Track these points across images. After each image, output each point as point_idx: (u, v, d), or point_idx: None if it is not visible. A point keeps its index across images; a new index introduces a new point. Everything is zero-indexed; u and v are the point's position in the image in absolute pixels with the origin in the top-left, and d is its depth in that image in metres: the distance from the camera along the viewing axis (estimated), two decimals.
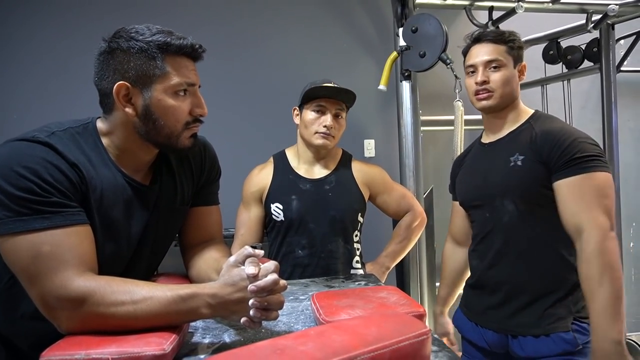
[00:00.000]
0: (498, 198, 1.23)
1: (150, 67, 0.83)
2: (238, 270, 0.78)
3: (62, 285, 0.73)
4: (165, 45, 0.84)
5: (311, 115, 1.49)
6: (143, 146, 0.91)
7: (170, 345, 0.71)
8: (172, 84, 0.85)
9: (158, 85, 0.85)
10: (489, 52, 1.25)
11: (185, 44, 0.86)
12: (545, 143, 1.15)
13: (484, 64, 1.25)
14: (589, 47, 2.48)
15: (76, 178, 0.80)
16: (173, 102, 0.86)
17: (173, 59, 0.85)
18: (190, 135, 0.92)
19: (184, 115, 0.88)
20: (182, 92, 0.87)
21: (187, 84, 0.87)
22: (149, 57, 0.83)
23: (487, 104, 1.26)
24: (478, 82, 1.25)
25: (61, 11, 2.31)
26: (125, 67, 0.83)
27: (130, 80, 0.84)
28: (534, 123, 1.23)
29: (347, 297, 0.95)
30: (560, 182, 1.12)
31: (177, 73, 0.85)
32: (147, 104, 0.85)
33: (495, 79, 1.24)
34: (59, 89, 2.30)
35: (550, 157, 1.14)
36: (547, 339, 1.16)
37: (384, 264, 1.64)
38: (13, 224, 0.73)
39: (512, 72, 1.26)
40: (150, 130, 0.87)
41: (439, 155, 2.71)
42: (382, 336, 0.59)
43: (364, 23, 2.66)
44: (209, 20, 2.46)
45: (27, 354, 0.87)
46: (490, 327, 1.27)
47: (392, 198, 1.64)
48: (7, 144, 0.79)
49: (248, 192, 1.55)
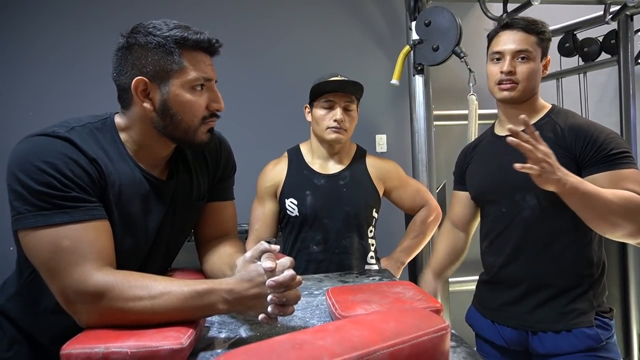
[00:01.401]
0: (519, 193, 1.20)
1: (167, 62, 0.84)
2: (254, 266, 0.79)
3: (81, 279, 0.74)
4: (183, 40, 0.84)
5: (321, 111, 1.49)
6: (160, 141, 0.91)
7: (188, 339, 0.72)
8: (190, 78, 0.85)
9: (175, 80, 0.85)
10: (520, 42, 1.19)
11: (202, 39, 0.86)
12: (577, 139, 1.13)
13: (512, 53, 1.19)
14: (606, 39, 2.43)
15: (95, 173, 0.81)
16: (190, 97, 0.86)
17: (190, 54, 0.85)
18: (207, 130, 0.92)
19: (201, 110, 0.88)
20: (199, 87, 0.87)
21: (204, 79, 0.87)
22: (166, 52, 0.83)
23: (509, 95, 1.21)
24: (504, 71, 1.19)
25: (73, 7, 2.33)
26: (143, 62, 0.83)
27: (148, 75, 0.84)
28: (556, 118, 1.21)
29: (363, 292, 0.94)
30: (597, 176, 1.10)
31: (194, 68, 0.86)
32: (165, 99, 0.85)
33: (522, 70, 1.19)
34: (71, 85, 2.32)
35: (584, 153, 1.12)
36: (568, 335, 1.14)
37: (399, 259, 1.63)
38: (34, 218, 0.74)
39: (538, 65, 1.21)
40: (167, 125, 0.87)
41: (452, 150, 2.68)
42: (401, 331, 0.58)
43: (375, 17, 2.64)
44: (222, 17, 2.46)
45: (48, 348, 0.88)
46: (508, 323, 1.25)
47: (407, 193, 1.63)
48: (27, 139, 0.79)
49: (262, 187, 1.56)
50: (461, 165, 1.43)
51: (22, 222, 0.75)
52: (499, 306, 1.27)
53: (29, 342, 0.89)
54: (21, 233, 0.76)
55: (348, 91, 1.48)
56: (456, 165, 1.47)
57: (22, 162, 0.76)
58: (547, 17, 2.57)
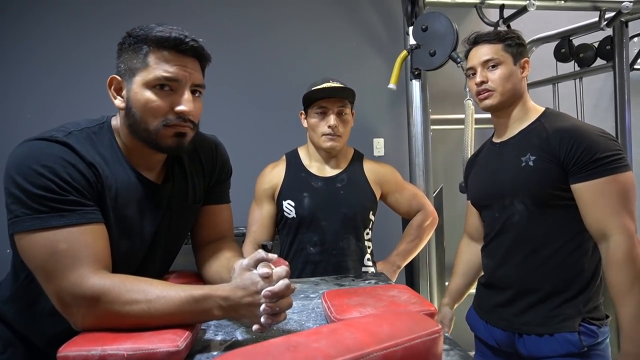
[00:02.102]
0: (508, 198, 1.22)
1: (134, 59, 0.84)
2: (249, 275, 0.79)
3: (77, 282, 0.74)
4: (146, 38, 0.83)
5: (315, 119, 1.50)
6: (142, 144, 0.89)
7: (184, 342, 0.72)
8: (150, 77, 0.83)
9: (138, 78, 0.84)
10: (486, 52, 1.25)
11: (166, 36, 0.83)
12: (561, 143, 1.13)
13: (481, 64, 1.25)
14: (601, 45, 2.45)
15: (92, 177, 0.81)
16: (149, 96, 0.83)
17: (158, 53, 0.83)
18: (174, 135, 0.87)
19: (161, 111, 0.84)
20: (161, 87, 0.84)
21: (166, 78, 0.83)
22: (135, 49, 0.84)
23: (489, 103, 1.25)
24: (477, 82, 1.25)
25: (78, 13, 2.34)
26: (118, 61, 0.86)
27: (120, 73, 0.86)
28: (545, 121, 1.22)
29: (358, 295, 0.95)
30: (581, 185, 1.10)
31: (157, 67, 0.83)
32: (128, 97, 0.85)
33: (494, 77, 1.23)
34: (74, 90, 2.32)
35: (568, 158, 1.11)
36: (550, 339, 1.15)
37: (395, 263, 1.64)
38: (31, 221, 0.75)
39: (511, 68, 1.24)
40: (132, 124, 0.86)
41: (449, 154, 2.70)
42: (395, 334, 0.59)
43: (373, 21, 2.66)
44: (219, 21, 2.46)
45: (44, 351, 0.88)
46: (498, 325, 1.26)
47: (403, 197, 1.64)
48: (25, 143, 0.80)
49: (260, 190, 1.56)
50: (467, 173, 1.46)
51: (19, 225, 0.75)
52: (491, 308, 1.29)
53: (25, 344, 0.90)
54: (17, 236, 0.77)
55: (340, 96, 1.49)
56: (463, 175, 1.50)
57: (19, 165, 0.76)
58: (543, 22, 2.63)
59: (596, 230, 1.10)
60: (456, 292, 1.50)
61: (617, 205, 1.07)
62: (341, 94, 1.49)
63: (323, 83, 1.53)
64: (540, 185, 1.16)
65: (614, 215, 1.07)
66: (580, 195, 1.11)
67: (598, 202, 1.08)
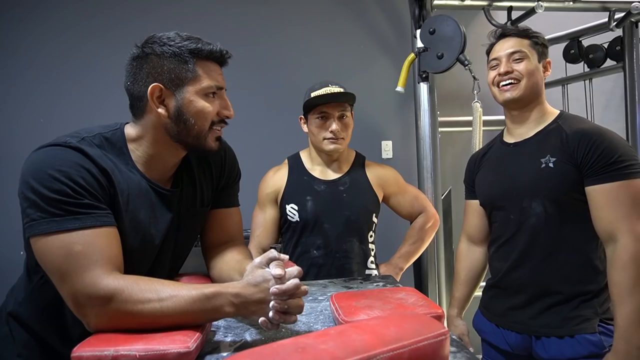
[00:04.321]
0: (526, 200, 1.21)
1: (182, 70, 0.88)
2: (261, 272, 0.81)
3: (91, 283, 0.76)
4: (197, 51, 0.89)
5: (316, 124, 1.51)
6: (172, 148, 0.94)
7: (195, 343, 0.74)
8: (203, 86, 0.90)
9: (190, 87, 0.89)
10: (513, 45, 1.25)
11: (215, 50, 0.91)
12: (580, 145, 1.13)
13: (507, 55, 1.25)
14: (611, 46, 2.43)
15: (105, 182, 0.84)
16: (203, 103, 0.91)
17: (203, 64, 0.91)
18: (216, 138, 0.96)
19: (212, 116, 0.93)
20: (211, 95, 0.92)
21: (216, 87, 0.93)
22: (181, 60, 0.88)
23: (512, 96, 1.23)
24: (501, 72, 1.24)
25: (85, 16, 2.38)
26: (159, 70, 0.88)
27: (164, 82, 0.88)
28: (562, 123, 1.21)
29: (366, 297, 0.96)
30: (595, 188, 1.10)
31: (207, 76, 0.91)
32: (180, 105, 0.89)
33: (520, 68, 1.23)
34: (83, 93, 2.36)
35: (585, 159, 1.11)
36: (571, 340, 1.14)
37: (397, 265, 1.64)
38: (47, 224, 0.77)
39: (536, 64, 1.24)
40: (181, 130, 0.91)
41: (457, 157, 2.70)
42: (401, 336, 0.60)
43: (381, 24, 2.67)
44: (226, 23, 2.49)
45: (59, 350, 0.90)
46: (513, 328, 1.25)
47: (405, 199, 1.65)
48: (41, 149, 0.82)
49: (263, 194, 1.58)
50: (471, 172, 1.44)
51: (36, 228, 0.77)
52: (504, 311, 1.28)
53: (40, 345, 0.91)
54: (34, 239, 0.79)
55: (340, 101, 1.50)
56: (466, 173, 1.48)
57: (35, 170, 0.79)
58: (552, 24, 2.62)
59: (605, 232, 1.10)
60: (463, 301, 1.49)
61: (629, 210, 1.07)
62: (342, 99, 1.49)
63: (322, 87, 1.53)
64: (561, 187, 1.15)
65: (624, 218, 1.07)
66: (593, 198, 1.11)
67: (610, 205, 1.08)
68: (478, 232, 1.44)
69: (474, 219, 1.44)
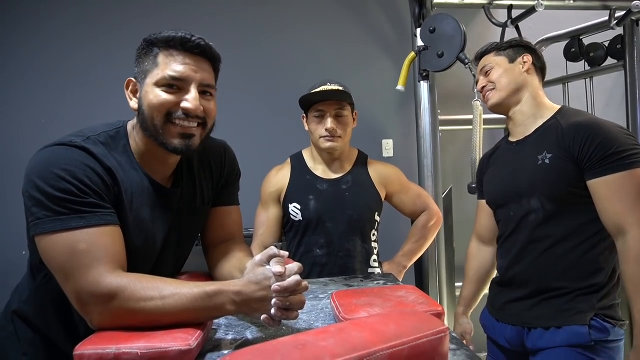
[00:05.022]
0: (525, 197, 1.21)
1: (146, 61, 0.89)
2: (262, 270, 0.81)
3: (95, 281, 0.76)
4: (156, 39, 0.88)
5: (313, 122, 1.52)
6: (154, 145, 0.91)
7: (196, 341, 0.74)
8: (159, 77, 0.87)
9: (149, 79, 0.88)
10: (482, 63, 1.37)
11: (172, 36, 0.86)
12: (575, 139, 1.12)
13: (480, 73, 1.37)
14: (612, 44, 2.43)
15: (110, 181, 0.84)
16: (156, 94, 0.87)
17: (167, 52, 0.87)
18: (181, 136, 0.89)
19: (165, 106, 0.87)
20: (170, 86, 0.87)
21: (173, 78, 0.86)
22: (147, 53, 0.89)
23: (492, 102, 1.31)
24: (478, 89, 1.37)
25: (88, 15, 2.38)
26: (136, 63, 0.90)
27: (135, 75, 0.90)
28: (561, 118, 1.21)
29: (366, 295, 0.96)
30: (597, 181, 1.09)
31: (166, 66, 0.87)
32: (141, 96, 0.90)
33: (491, 78, 1.31)
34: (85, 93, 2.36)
35: (582, 154, 1.10)
36: (558, 330, 1.14)
37: (400, 263, 1.65)
38: (52, 223, 0.77)
39: (506, 67, 1.30)
40: (142, 122, 0.90)
41: (457, 155, 2.70)
42: (401, 333, 0.60)
43: (381, 23, 2.67)
44: (226, 24, 2.49)
45: (62, 348, 0.91)
46: (509, 321, 1.26)
47: (408, 197, 1.65)
48: (46, 149, 0.83)
49: (266, 193, 1.58)
50: (481, 172, 1.46)
51: (41, 226, 0.78)
52: (502, 304, 1.29)
53: (45, 343, 0.92)
54: (38, 237, 0.79)
55: (335, 99, 1.49)
56: (477, 175, 1.50)
57: (41, 170, 0.79)
58: (553, 22, 2.61)
59: (613, 226, 1.09)
60: (470, 300, 1.50)
61: (635, 201, 1.06)
62: (336, 96, 1.49)
63: (321, 86, 1.53)
64: (557, 183, 1.15)
65: (632, 210, 1.06)
66: (597, 191, 1.10)
67: (615, 197, 1.07)
68: (487, 232, 1.44)
69: (483, 219, 1.45)
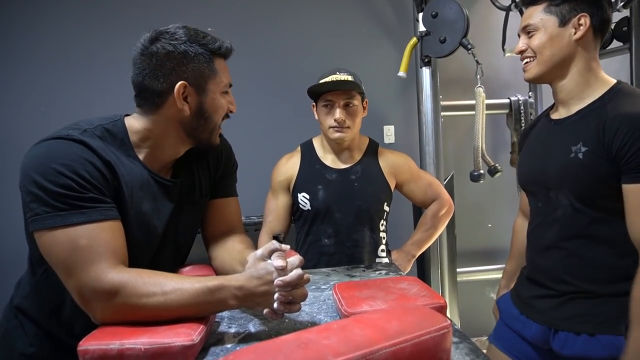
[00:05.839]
0: (553, 190, 1.09)
1: (205, 68, 0.90)
2: (264, 264, 0.81)
3: (97, 277, 0.76)
4: (217, 49, 0.92)
5: (322, 112, 1.50)
6: (180, 142, 0.96)
7: (199, 335, 0.75)
8: (223, 84, 0.95)
9: (212, 86, 0.93)
10: (525, 17, 1.11)
11: (229, 48, 0.95)
12: (617, 134, 0.95)
13: (521, 30, 1.13)
14: (618, 27, 2.38)
15: (109, 175, 0.84)
16: (221, 100, 0.95)
17: (219, 61, 0.94)
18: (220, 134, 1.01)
19: (224, 111, 0.98)
20: (225, 92, 0.96)
21: (229, 84, 0.97)
22: (204, 59, 0.90)
23: (528, 76, 1.12)
24: (516, 51, 1.13)
25: (83, 7, 2.34)
26: (184, 69, 0.88)
27: (189, 80, 0.89)
28: (609, 101, 1.02)
29: (368, 288, 0.96)
30: (630, 187, 0.96)
31: (223, 74, 0.94)
32: (202, 102, 0.92)
33: (532, 43, 1.09)
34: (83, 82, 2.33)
35: (621, 152, 0.95)
36: (591, 339, 1.02)
37: (409, 252, 1.65)
38: (52, 219, 0.77)
39: (553, 32, 1.06)
40: (200, 126, 0.94)
41: (459, 141, 2.68)
42: (403, 330, 0.60)
43: (383, 7, 2.62)
44: (228, 11, 2.45)
45: (66, 342, 0.91)
46: (534, 318, 1.15)
47: (418, 186, 1.64)
48: (43, 143, 0.82)
49: (276, 181, 1.58)
50: (520, 147, 1.32)
51: (40, 222, 0.77)
52: (527, 299, 1.19)
53: (48, 337, 0.93)
54: (38, 233, 0.79)
55: (344, 89, 1.47)
56: (518, 146, 1.37)
57: (38, 164, 0.78)
58: None
59: (637, 239, 0.97)
60: (512, 274, 1.37)
61: None
62: (345, 86, 1.47)
63: (330, 75, 1.51)
64: (588, 183, 1.01)
65: None
66: (627, 199, 0.97)
67: None
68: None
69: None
